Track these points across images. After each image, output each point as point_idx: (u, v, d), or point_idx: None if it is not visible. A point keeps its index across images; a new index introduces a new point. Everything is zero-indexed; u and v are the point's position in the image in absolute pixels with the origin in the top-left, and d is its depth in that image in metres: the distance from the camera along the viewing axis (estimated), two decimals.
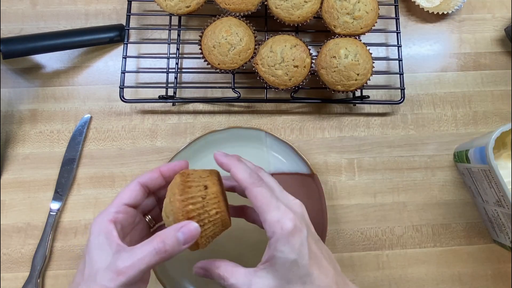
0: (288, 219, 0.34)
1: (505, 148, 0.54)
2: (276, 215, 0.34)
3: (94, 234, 0.35)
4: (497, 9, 0.67)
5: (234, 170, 0.37)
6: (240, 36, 0.54)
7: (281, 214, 0.35)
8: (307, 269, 0.34)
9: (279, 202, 0.36)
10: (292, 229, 0.34)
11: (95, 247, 0.34)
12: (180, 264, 0.54)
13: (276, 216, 0.34)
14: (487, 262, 0.58)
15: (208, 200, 0.36)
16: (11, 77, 0.62)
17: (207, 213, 0.36)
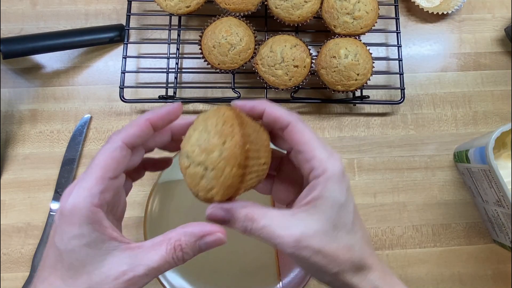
0: (336, 159, 0.30)
1: (505, 148, 0.54)
2: (326, 153, 0.30)
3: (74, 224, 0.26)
4: (497, 9, 0.67)
5: (271, 109, 0.31)
6: (240, 36, 0.54)
7: (330, 152, 0.30)
8: (353, 218, 0.30)
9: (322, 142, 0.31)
10: (341, 170, 0.30)
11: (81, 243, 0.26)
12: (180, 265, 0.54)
13: (326, 154, 0.30)
14: (487, 262, 0.58)
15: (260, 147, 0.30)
16: (11, 77, 0.62)
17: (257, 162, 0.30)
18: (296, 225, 0.29)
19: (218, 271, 0.55)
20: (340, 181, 0.29)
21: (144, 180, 0.59)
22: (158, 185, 0.55)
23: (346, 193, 0.30)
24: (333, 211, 0.29)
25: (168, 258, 0.27)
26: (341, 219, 0.30)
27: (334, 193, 0.29)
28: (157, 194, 0.55)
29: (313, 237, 0.28)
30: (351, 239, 0.30)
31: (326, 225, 0.29)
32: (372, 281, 0.30)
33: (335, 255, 0.29)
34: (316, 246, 0.28)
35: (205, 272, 0.54)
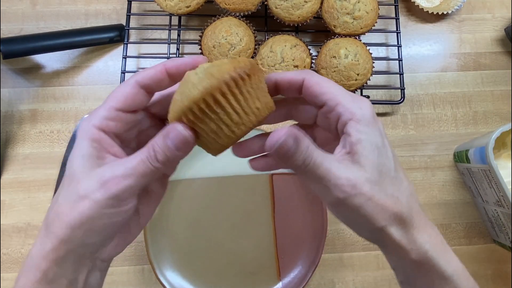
0: (366, 101, 0.28)
1: (505, 148, 0.54)
2: (350, 96, 0.28)
3: (78, 140, 0.28)
4: (497, 9, 0.67)
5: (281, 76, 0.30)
6: (240, 36, 0.54)
7: (355, 96, 0.28)
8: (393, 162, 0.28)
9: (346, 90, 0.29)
10: (371, 112, 0.28)
11: (78, 154, 0.27)
12: (180, 264, 0.54)
13: (351, 97, 0.28)
14: (487, 262, 0.58)
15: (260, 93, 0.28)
16: (11, 77, 0.62)
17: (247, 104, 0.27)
18: (350, 171, 0.26)
19: (218, 271, 0.55)
20: (372, 123, 0.27)
21: None
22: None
23: (380, 135, 0.28)
24: (375, 154, 0.27)
25: (143, 159, 0.27)
26: (384, 164, 0.28)
27: (369, 135, 0.27)
28: None
29: (365, 184, 0.26)
30: (397, 188, 0.28)
31: (373, 172, 0.27)
32: (421, 244, 0.28)
33: (385, 205, 0.27)
34: (369, 193, 0.26)
35: (205, 272, 0.54)
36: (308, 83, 0.29)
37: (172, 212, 0.56)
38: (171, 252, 0.55)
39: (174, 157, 0.27)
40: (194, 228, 0.56)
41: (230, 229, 0.56)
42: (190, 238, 0.56)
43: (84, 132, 0.28)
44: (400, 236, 0.27)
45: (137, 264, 0.56)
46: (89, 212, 0.26)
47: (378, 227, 0.27)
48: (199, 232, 0.56)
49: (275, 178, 0.57)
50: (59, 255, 0.27)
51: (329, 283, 0.56)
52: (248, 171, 0.56)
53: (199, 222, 0.54)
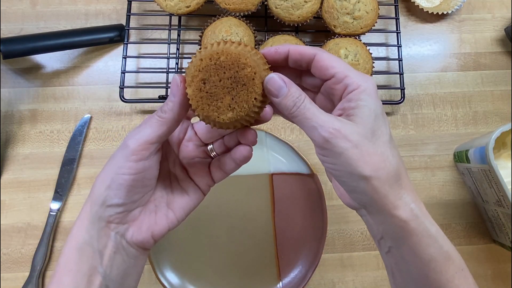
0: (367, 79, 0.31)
1: (505, 148, 0.54)
2: (357, 72, 0.31)
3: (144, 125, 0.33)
4: (497, 9, 0.67)
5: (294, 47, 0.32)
6: (240, 36, 0.54)
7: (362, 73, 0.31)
8: (389, 134, 0.30)
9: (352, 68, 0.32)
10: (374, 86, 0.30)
11: None
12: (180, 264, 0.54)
13: (358, 73, 0.31)
14: (487, 262, 0.58)
15: None
16: (11, 77, 0.62)
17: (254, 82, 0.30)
18: (340, 122, 0.29)
19: (218, 271, 0.55)
20: (374, 95, 0.30)
21: None
22: None
23: (380, 108, 0.30)
24: (371, 119, 0.29)
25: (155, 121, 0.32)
26: (379, 128, 0.30)
27: (370, 103, 0.29)
28: None
29: (352, 133, 0.28)
30: (388, 149, 0.30)
31: (365, 129, 0.29)
32: (408, 203, 0.30)
33: (372, 158, 0.29)
34: (355, 140, 0.28)
35: (205, 272, 0.54)
36: (320, 57, 0.31)
37: None
38: (171, 252, 0.55)
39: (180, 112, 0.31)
40: (194, 228, 0.56)
41: (230, 229, 0.56)
42: (190, 238, 0.56)
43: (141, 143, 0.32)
44: (387, 191, 0.29)
45: None
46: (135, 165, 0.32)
47: (364, 175, 0.28)
48: (199, 232, 0.56)
49: (275, 178, 0.57)
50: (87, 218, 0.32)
51: (329, 283, 0.56)
52: (248, 171, 0.56)
53: (199, 222, 0.55)
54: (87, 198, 0.33)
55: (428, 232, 0.30)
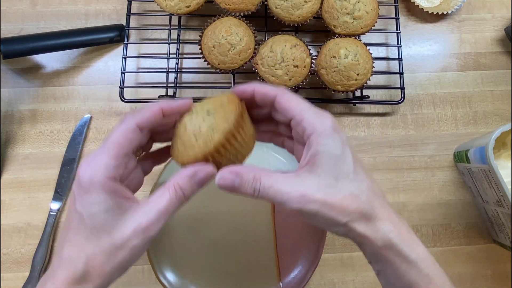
0: (326, 117, 0.32)
1: (505, 148, 0.54)
2: (313, 113, 0.32)
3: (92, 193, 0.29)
4: (497, 9, 0.67)
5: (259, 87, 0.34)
6: (240, 36, 0.54)
7: (316, 113, 0.32)
8: (354, 167, 0.31)
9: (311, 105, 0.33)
10: (334, 125, 0.32)
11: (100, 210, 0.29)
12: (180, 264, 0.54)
13: (314, 113, 0.32)
14: (487, 262, 0.58)
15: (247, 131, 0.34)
16: (11, 77, 0.62)
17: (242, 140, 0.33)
18: (301, 183, 0.30)
19: (218, 271, 0.55)
20: (331, 135, 0.31)
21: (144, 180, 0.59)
22: (158, 185, 0.55)
23: (341, 145, 0.31)
24: (331, 163, 0.31)
25: (172, 199, 0.31)
26: (341, 170, 0.31)
27: (327, 147, 0.31)
28: None
29: (317, 191, 0.30)
30: (356, 188, 0.31)
31: (327, 178, 0.30)
32: (385, 233, 0.31)
33: (342, 205, 0.30)
34: (322, 199, 0.30)
35: (205, 272, 0.54)
36: (280, 99, 0.33)
37: None
38: (171, 252, 0.55)
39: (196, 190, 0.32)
40: (194, 228, 0.56)
41: (230, 229, 0.56)
42: (190, 238, 0.56)
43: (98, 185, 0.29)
44: (363, 228, 0.31)
45: (137, 264, 0.56)
46: (129, 257, 0.29)
47: (341, 223, 0.30)
48: (199, 232, 0.56)
49: None
50: None
51: (329, 283, 0.56)
52: None
53: (199, 222, 0.54)
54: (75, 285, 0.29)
55: (407, 258, 0.31)
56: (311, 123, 0.31)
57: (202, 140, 0.31)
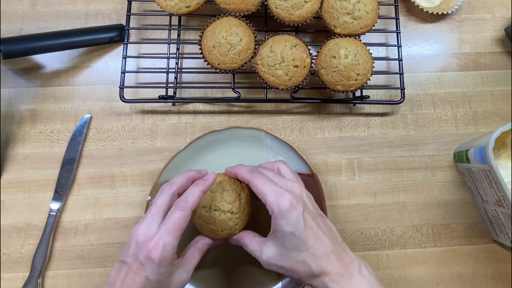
0: (284, 199, 0.41)
1: (505, 148, 0.54)
2: (272, 197, 0.41)
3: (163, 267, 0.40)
4: (497, 9, 0.67)
5: (237, 171, 0.46)
6: (240, 36, 0.54)
7: (277, 195, 0.41)
8: (303, 239, 0.41)
9: (276, 187, 0.42)
10: (288, 207, 0.41)
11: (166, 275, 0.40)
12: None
13: (273, 197, 0.41)
14: (487, 262, 0.58)
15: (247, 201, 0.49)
16: (11, 77, 0.62)
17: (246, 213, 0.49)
18: (266, 250, 0.43)
19: (218, 270, 0.55)
20: (284, 217, 0.41)
21: (144, 180, 0.59)
22: (158, 185, 0.55)
23: (294, 223, 0.40)
24: (284, 239, 0.41)
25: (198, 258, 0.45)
26: (292, 244, 0.41)
27: (281, 227, 0.41)
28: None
29: (274, 258, 0.42)
30: (303, 256, 0.41)
31: (281, 249, 0.42)
32: (324, 282, 0.41)
33: (293, 268, 0.41)
34: (279, 264, 0.42)
35: (205, 272, 0.54)
36: (251, 184, 0.44)
37: None
38: None
39: None
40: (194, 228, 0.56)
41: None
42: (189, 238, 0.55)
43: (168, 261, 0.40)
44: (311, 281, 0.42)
45: None
46: None
47: (297, 278, 0.42)
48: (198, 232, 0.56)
49: None
50: None
51: None
52: None
53: None
54: None
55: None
56: (270, 207, 0.41)
57: (227, 232, 0.47)
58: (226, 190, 0.48)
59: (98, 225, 0.57)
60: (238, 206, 0.48)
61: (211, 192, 0.48)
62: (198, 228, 0.49)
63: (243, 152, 0.58)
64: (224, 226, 0.47)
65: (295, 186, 0.44)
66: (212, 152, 0.58)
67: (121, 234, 0.57)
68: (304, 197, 0.44)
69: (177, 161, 0.56)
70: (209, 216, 0.47)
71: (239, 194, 0.48)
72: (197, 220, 0.49)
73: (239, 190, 0.49)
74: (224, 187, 0.48)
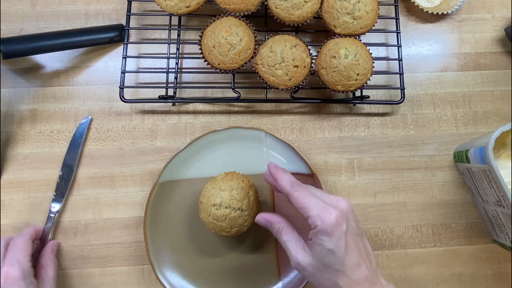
0: (328, 213, 0.39)
1: (505, 148, 0.54)
2: (315, 211, 0.40)
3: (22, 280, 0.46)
4: (497, 9, 0.67)
5: (279, 180, 0.44)
6: (240, 36, 0.54)
7: (321, 209, 0.40)
8: (342, 260, 0.39)
9: (319, 200, 0.41)
10: (333, 223, 0.39)
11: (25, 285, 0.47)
12: (180, 264, 0.54)
13: (317, 211, 0.40)
14: (487, 262, 0.58)
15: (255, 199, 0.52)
16: (11, 77, 0.62)
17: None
18: (301, 254, 0.42)
19: (218, 270, 0.55)
20: (327, 233, 0.39)
21: (144, 180, 0.59)
22: (158, 185, 0.55)
23: (336, 241, 0.39)
24: (322, 254, 0.40)
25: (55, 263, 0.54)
26: (329, 261, 0.40)
27: (322, 241, 0.39)
28: (157, 194, 0.55)
29: (308, 265, 0.41)
30: (337, 277, 0.40)
31: (317, 262, 0.40)
32: None
33: (322, 283, 0.41)
34: (311, 271, 0.41)
35: (205, 272, 0.54)
36: (291, 197, 0.42)
37: (172, 212, 0.56)
38: (171, 252, 0.55)
39: None
40: (194, 228, 0.56)
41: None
42: (190, 238, 0.56)
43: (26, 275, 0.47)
44: None
45: (137, 264, 0.56)
46: None
47: None
48: (199, 232, 0.56)
49: None
50: None
51: None
52: (248, 171, 0.56)
53: (199, 222, 0.54)
54: None
55: None
56: (313, 221, 0.40)
57: (236, 229, 0.50)
58: (235, 189, 0.50)
59: (98, 225, 0.57)
60: (247, 204, 0.50)
61: (221, 191, 0.49)
62: (207, 226, 0.51)
63: (243, 152, 0.58)
64: (234, 223, 0.49)
65: (340, 201, 0.42)
66: (212, 152, 0.58)
67: (121, 234, 0.57)
68: (350, 213, 0.42)
69: (177, 161, 0.56)
70: (220, 214, 0.49)
71: (248, 192, 0.50)
72: (206, 218, 0.50)
73: (247, 188, 0.51)
74: (233, 185, 0.50)
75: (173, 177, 0.56)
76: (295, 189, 0.42)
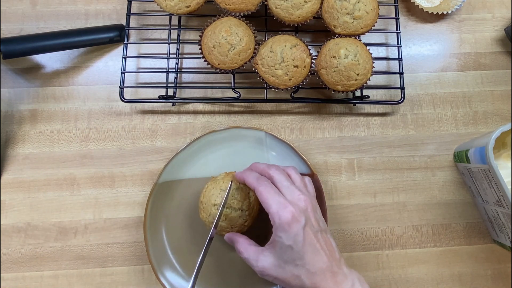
0: (286, 211, 0.41)
1: (505, 148, 0.54)
2: (275, 208, 0.42)
3: None
4: (497, 9, 0.67)
5: (245, 177, 0.46)
6: (240, 36, 0.54)
7: (280, 206, 0.42)
8: (300, 254, 0.41)
9: (280, 197, 0.42)
10: (289, 220, 0.41)
11: None
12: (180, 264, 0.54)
13: (276, 209, 0.42)
14: (487, 262, 0.58)
15: None
16: (11, 77, 0.62)
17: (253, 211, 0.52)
18: (262, 260, 0.44)
19: (218, 270, 0.55)
20: (285, 229, 0.41)
21: (144, 180, 0.59)
22: (158, 185, 0.55)
23: (293, 236, 0.41)
24: (282, 251, 0.42)
25: None
26: (289, 257, 0.42)
27: (280, 238, 0.41)
28: (157, 194, 0.55)
29: (270, 269, 0.43)
30: (298, 271, 0.41)
31: (278, 261, 0.42)
32: None
33: (287, 281, 0.42)
34: (274, 274, 0.43)
35: (205, 272, 0.54)
36: (256, 192, 0.44)
37: (172, 212, 0.56)
38: (171, 252, 0.55)
39: None
40: (194, 227, 0.56)
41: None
42: (190, 238, 0.56)
43: None
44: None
45: (137, 264, 0.56)
46: None
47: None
48: (199, 232, 0.56)
49: None
50: None
51: None
52: None
53: (199, 222, 0.54)
54: None
55: None
56: (272, 218, 0.42)
57: (236, 229, 0.50)
58: (236, 189, 0.50)
59: (98, 225, 0.57)
60: (248, 204, 0.50)
61: (221, 191, 0.50)
62: (207, 226, 0.51)
63: (243, 152, 0.58)
64: (234, 223, 0.50)
65: (301, 199, 0.43)
66: (212, 152, 0.58)
67: (121, 234, 0.57)
68: (309, 210, 0.43)
69: (177, 161, 0.56)
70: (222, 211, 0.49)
71: (248, 193, 0.50)
72: (207, 218, 0.50)
73: (247, 189, 0.50)
74: (234, 185, 0.50)
75: (173, 177, 0.56)
76: (259, 184, 0.44)
